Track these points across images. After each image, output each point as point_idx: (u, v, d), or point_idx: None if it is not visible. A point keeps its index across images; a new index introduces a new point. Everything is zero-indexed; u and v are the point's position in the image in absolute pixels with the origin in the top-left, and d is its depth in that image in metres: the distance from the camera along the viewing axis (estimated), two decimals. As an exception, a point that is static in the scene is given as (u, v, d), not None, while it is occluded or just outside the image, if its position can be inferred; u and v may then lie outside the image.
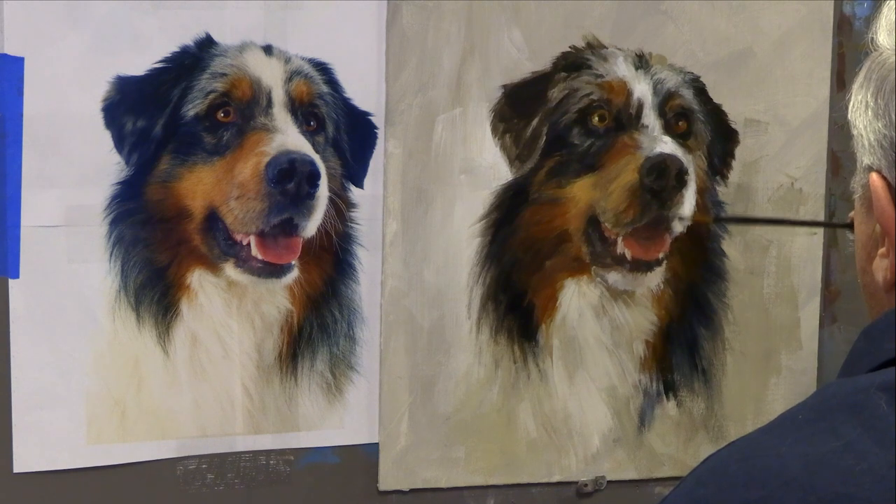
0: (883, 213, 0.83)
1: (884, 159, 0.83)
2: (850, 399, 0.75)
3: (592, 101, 1.74)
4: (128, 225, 1.58)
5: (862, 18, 1.86)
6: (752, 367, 1.88)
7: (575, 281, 1.77)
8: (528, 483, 1.80)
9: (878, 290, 0.87)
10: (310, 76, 1.63)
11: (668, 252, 1.77)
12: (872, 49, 0.86)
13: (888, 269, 0.85)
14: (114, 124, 1.56)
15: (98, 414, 1.59)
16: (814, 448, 0.72)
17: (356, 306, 1.70)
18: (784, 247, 1.87)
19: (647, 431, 1.84)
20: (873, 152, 0.84)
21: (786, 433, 0.75)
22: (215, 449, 1.65)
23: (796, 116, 1.85)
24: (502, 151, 1.72)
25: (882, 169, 0.83)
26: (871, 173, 0.84)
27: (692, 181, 1.73)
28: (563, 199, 1.74)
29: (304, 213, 1.59)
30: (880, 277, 0.86)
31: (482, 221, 1.73)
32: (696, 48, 1.79)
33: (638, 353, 1.82)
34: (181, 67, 1.58)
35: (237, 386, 1.65)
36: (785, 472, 0.71)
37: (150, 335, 1.61)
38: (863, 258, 0.89)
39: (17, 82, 1.51)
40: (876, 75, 0.84)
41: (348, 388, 1.71)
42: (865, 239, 0.88)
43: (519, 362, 1.77)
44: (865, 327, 0.85)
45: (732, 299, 1.86)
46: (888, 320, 0.83)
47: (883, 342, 0.81)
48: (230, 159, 1.58)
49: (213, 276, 1.62)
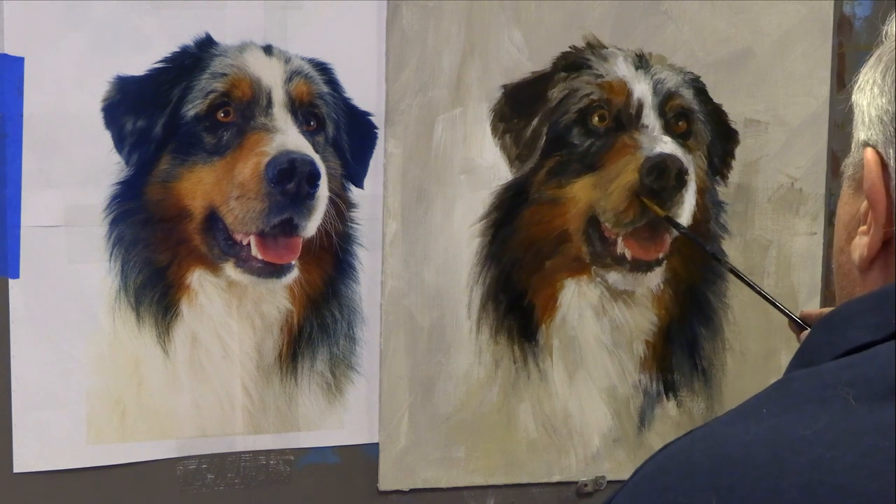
0: (872, 186, 0.84)
1: (881, 134, 0.84)
2: (817, 394, 0.75)
3: (592, 101, 1.74)
4: (128, 225, 1.58)
5: (862, 18, 1.86)
6: (752, 367, 1.88)
7: (575, 281, 1.77)
8: (528, 483, 1.80)
9: (853, 269, 0.88)
10: (310, 76, 1.63)
11: (668, 252, 1.78)
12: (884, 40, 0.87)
13: (865, 246, 0.85)
14: (114, 124, 1.56)
15: (98, 414, 1.59)
16: (783, 436, 0.72)
17: (356, 306, 1.70)
18: (784, 247, 1.87)
19: (647, 431, 1.84)
20: (871, 127, 0.85)
21: (749, 424, 0.75)
22: (215, 449, 1.65)
23: (796, 116, 1.85)
24: (502, 151, 1.72)
25: (878, 144, 0.84)
26: (867, 148, 0.85)
27: (692, 181, 1.74)
28: (563, 199, 1.74)
29: (304, 213, 1.59)
30: (857, 255, 0.86)
31: (482, 221, 1.73)
32: (696, 48, 1.79)
33: (638, 353, 1.82)
34: (181, 67, 1.58)
35: (237, 386, 1.65)
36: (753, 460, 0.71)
37: (150, 335, 1.61)
38: (842, 238, 0.90)
39: (17, 82, 1.51)
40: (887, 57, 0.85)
41: (348, 388, 1.71)
42: (848, 219, 0.89)
43: (519, 362, 1.77)
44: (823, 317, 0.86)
45: (732, 299, 1.86)
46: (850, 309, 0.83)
47: (846, 331, 0.81)
48: (230, 159, 1.58)
49: (213, 276, 1.62)
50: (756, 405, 0.77)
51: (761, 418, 0.75)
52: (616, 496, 0.78)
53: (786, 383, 0.79)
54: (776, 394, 0.78)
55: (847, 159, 0.91)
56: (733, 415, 0.78)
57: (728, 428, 0.76)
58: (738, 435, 0.74)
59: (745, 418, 0.76)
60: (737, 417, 0.77)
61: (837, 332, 0.82)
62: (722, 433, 0.76)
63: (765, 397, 0.78)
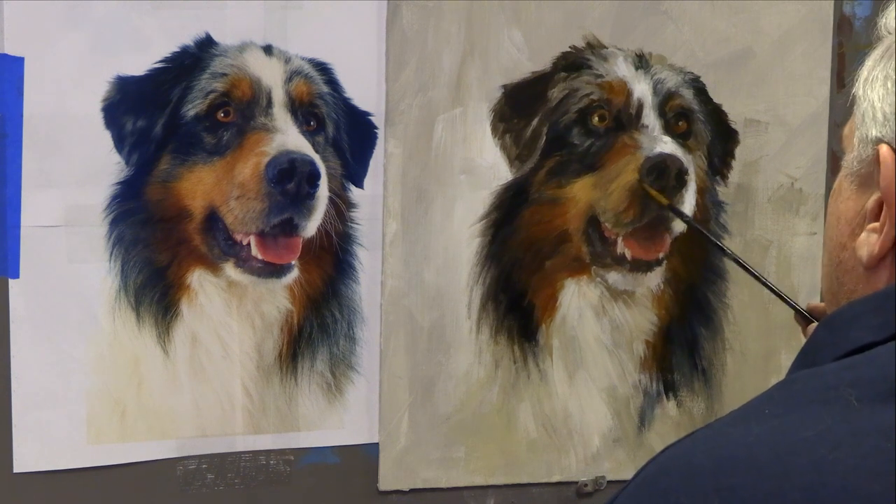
0: (889, 185, 0.83)
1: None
2: (820, 396, 0.75)
3: (592, 101, 1.74)
4: (128, 225, 1.58)
5: (862, 18, 1.86)
6: (752, 367, 1.88)
7: (575, 281, 1.77)
8: (528, 483, 1.80)
9: (857, 265, 0.87)
10: (310, 76, 1.63)
11: (668, 252, 1.78)
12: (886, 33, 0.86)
13: (876, 244, 0.85)
14: (114, 124, 1.56)
15: (98, 414, 1.59)
16: (785, 437, 0.72)
17: (356, 306, 1.70)
18: (784, 247, 1.87)
19: (647, 431, 1.84)
20: (885, 124, 0.84)
21: (751, 426, 0.74)
22: (215, 449, 1.65)
23: (796, 116, 1.85)
24: (502, 151, 1.72)
25: (893, 141, 0.83)
26: (881, 145, 0.84)
27: (692, 181, 1.74)
28: (563, 199, 1.74)
29: (304, 213, 1.59)
30: (864, 253, 0.85)
31: (482, 221, 1.73)
32: (696, 48, 1.79)
33: (638, 353, 1.82)
34: (181, 67, 1.58)
35: (237, 386, 1.65)
36: (755, 461, 0.71)
37: (150, 335, 1.61)
38: (844, 234, 0.89)
39: (17, 82, 1.51)
40: None
41: (348, 388, 1.71)
42: (852, 215, 0.88)
43: (519, 362, 1.77)
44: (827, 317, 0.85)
45: (732, 299, 1.86)
46: (853, 310, 0.83)
47: (848, 331, 0.81)
48: (230, 159, 1.58)
49: (213, 276, 1.62)
50: (758, 406, 0.77)
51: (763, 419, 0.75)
52: (618, 498, 0.77)
53: (788, 384, 0.79)
54: (778, 395, 0.78)
55: (849, 154, 0.90)
56: (735, 416, 0.77)
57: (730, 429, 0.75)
58: (740, 436, 0.73)
59: (746, 420, 0.76)
60: (739, 419, 0.77)
61: (840, 333, 0.82)
62: (724, 434, 0.75)
63: (767, 398, 0.78)
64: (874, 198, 0.85)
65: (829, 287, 0.92)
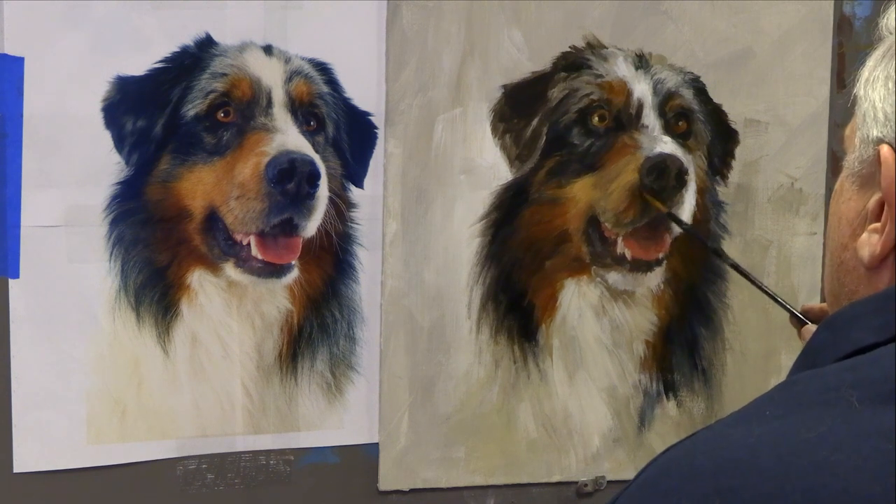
0: (890, 185, 0.83)
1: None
2: (821, 397, 0.74)
3: (592, 101, 1.74)
4: (128, 225, 1.58)
5: (862, 18, 1.86)
6: (752, 367, 1.88)
7: (575, 281, 1.77)
8: (528, 483, 1.80)
9: (858, 265, 0.87)
10: (310, 76, 1.63)
11: (668, 252, 1.78)
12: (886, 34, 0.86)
13: (878, 244, 0.84)
14: (114, 124, 1.56)
15: (98, 414, 1.59)
16: (786, 439, 0.72)
17: (356, 306, 1.70)
18: (784, 247, 1.87)
19: (647, 431, 1.84)
20: (886, 124, 0.84)
21: (752, 427, 0.74)
22: (215, 449, 1.65)
23: (796, 116, 1.85)
24: (502, 151, 1.72)
25: (894, 141, 0.83)
26: (882, 145, 0.84)
27: (692, 181, 1.74)
28: (563, 199, 1.74)
29: (304, 213, 1.59)
30: (866, 253, 0.85)
31: (482, 221, 1.73)
32: (696, 48, 1.79)
33: (638, 353, 1.82)
34: (181, 67, 1.58)
35: (237, 386, 1.65)
36: (756, 463, 0.71)
37: (150, 335, 1.61)
38: (845, 235, 0.89)
39: (17, 82, 1.51)
40: None
41: (348, 388, 1.71)
42: (853, 216, 0.88)
43: (519, 362, 1.77)
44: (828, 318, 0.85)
45: (732, 299, 1.86)
46: (854, 310, 0.83)
47: (849, 332, 0.81)
48: (230, 159, 1.58)
49: (213, 276, 1.62)
50: (759, 407, 0.77)
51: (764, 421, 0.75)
52: (618, 499, 0.77)
53: (789, 385, 0.79)
54: (779, 396, 0.78)
55: (850, 155, 0.90)
56: (736, 417, 0.77)
57: (731, 430, 0.75)
58: (741, 438, 0.73)
59: (748, 421, 0.75)
60: (740, 420, 0.76)
61: (841, 334, 0.82)
62: (725, 436, 0.75)
63: (768, 399, 0.78)
64: (875, 198, 0.85)
65: (831, 288, 0.92)
